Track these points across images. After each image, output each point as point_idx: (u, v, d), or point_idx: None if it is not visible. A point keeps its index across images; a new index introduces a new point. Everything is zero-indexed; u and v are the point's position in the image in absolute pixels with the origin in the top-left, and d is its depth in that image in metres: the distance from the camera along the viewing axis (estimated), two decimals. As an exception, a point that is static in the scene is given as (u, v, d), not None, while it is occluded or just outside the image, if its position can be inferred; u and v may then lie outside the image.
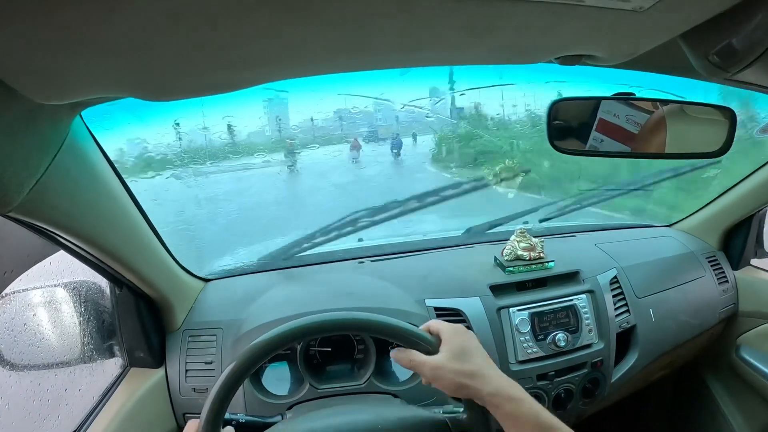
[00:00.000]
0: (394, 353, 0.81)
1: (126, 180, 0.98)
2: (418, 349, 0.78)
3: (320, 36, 0.50)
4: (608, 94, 0.95)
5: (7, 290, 1.01)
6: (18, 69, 0.46)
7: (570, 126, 1.01)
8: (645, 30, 0.56)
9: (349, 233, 1.46)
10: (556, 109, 1.00)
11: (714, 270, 1.67)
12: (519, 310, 1.26)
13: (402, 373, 1.19)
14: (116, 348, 1.20)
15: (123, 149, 1.31)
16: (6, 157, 0.56)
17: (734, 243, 1.74)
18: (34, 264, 1.04)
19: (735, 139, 0.96)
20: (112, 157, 0.92)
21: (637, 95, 0.95)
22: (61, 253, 0.98)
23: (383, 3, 0.43)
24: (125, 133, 1.29)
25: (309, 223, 1.42)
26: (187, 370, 1.18)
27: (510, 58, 0.68)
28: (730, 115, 0.95)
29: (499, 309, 1.25)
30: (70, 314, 1.10)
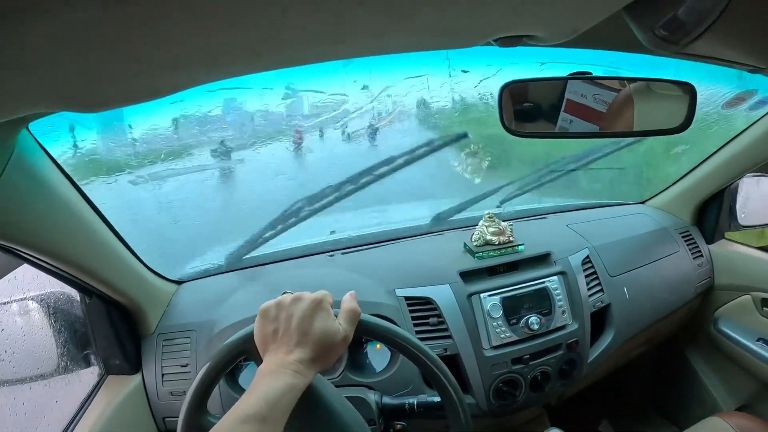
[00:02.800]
0: None
1: (83, 188, 0.97)
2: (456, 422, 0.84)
3: (237, 37, 0.49)
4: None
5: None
6: None
7: (539, 108, 1.01)
8: (585, 5, 0.54)
9: (303, 219, 1.45)
10: (510, 92, 1.00)
11: (688, 245, 1.68)
12: (490, 296, 1.26)
13: (378, 365, 1.20)
14: (92, 357, 1.19)
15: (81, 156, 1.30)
16: None
17: (707, 217, 1.76)
18: (-1, 279, 1.04)
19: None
20: (66, 167, 0.91)
21: (594, 74, 0.96)
22: (26, 266, 0.98)
23: None
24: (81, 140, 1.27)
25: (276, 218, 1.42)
26: (163, 375, 1.18)
27: (441, 43, 0.65)
28: (690, 90, 0.95)
29: (470, 295, 1.25)
30: (41, 327, 1.10)
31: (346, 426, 0.77)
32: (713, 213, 1.73)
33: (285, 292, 0.76)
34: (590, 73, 0.95)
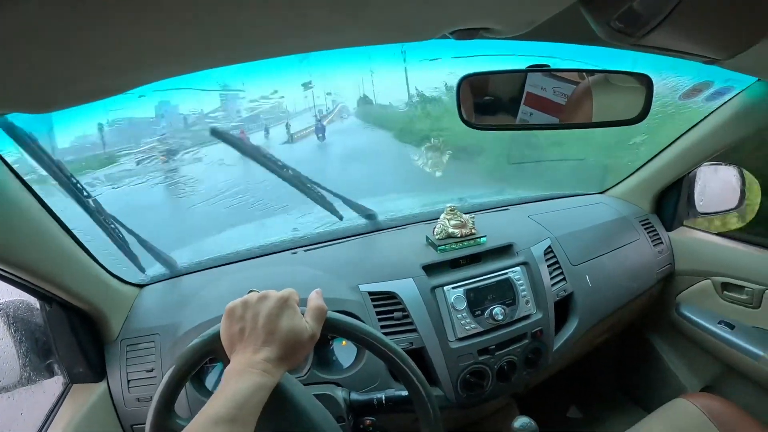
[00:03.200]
0: None
1: (38, 192, 0.95)
2: (425, 417, 0.84)
3: (188, 34, 0.49)
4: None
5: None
6: None
7: (499, 101, 1.02)
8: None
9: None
10: (471, 85, 1.01)
11: (648, 233, 1.72)
12: (453, 288, 1.28)
13: (345, 361, 1.20)
14: (55, 366, 1.17)
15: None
16: None
17: (666, 205, 1.81)
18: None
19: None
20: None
21: (552, 66, 0.98)
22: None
23: None
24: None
25: (235, 218, 1.41)
26: (129, 381, 1.16)
27: (396, 37, 0.65)
28: (646, 82, 0.98)
29: (434, 288, 1.27)
30: (0, 337, 1.08)
31: (315, 424, 0.77)
32: (672, 201, 1.79)
33: (251, 291, 0.76)
34: (549, 66, 0.97)
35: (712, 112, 1.50)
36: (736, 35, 0.69)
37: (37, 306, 1.14)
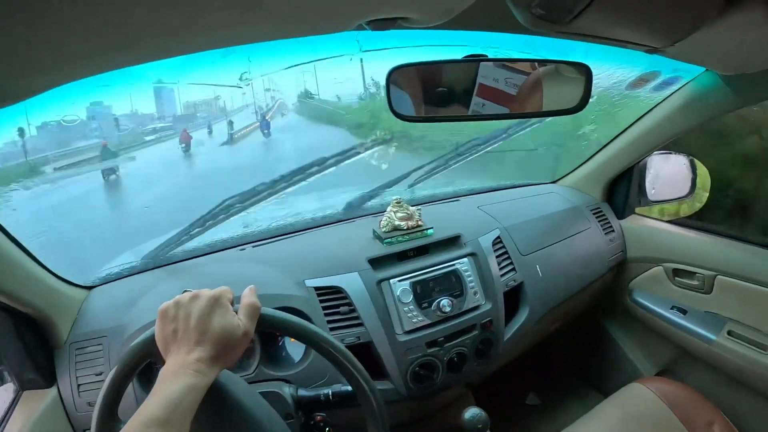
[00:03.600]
0: None
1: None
2: (370, 412, 0.84)
3: (87, 35, 0.48)
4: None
5: None
6: None
7: (452, 92, 1.03)
8: None
9: (222, 220, 1.45)
10: (394, 76, 1.01)
11: (599, 221, 1.76)
12: (400, 281, 1.28)
13: (294, 356, 1.21)
14: (5, 373, 1.17)
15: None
16: None
17: (617, 194, 1.85)
18: None
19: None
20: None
21: (490, 56, 0.99)
22: None
23: None
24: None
25: (185, 215, 1.41)
26: (79, 385, 1.15)
27: (306, 30, 0.64)
28: (585, 71, 0.99)
29: (380, 281, 1.27)
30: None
31: (259, 423, 0.78)
32: (623, 189, 1.82)
33: (185, 291, 0.76)
34: (486, 56, 0.98)
35: (661, 102, 1.53)
36: (674, 22, 0.69)
37: (-19, 314, 1.13)
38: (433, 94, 1.02)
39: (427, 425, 1.58)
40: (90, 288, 1.34)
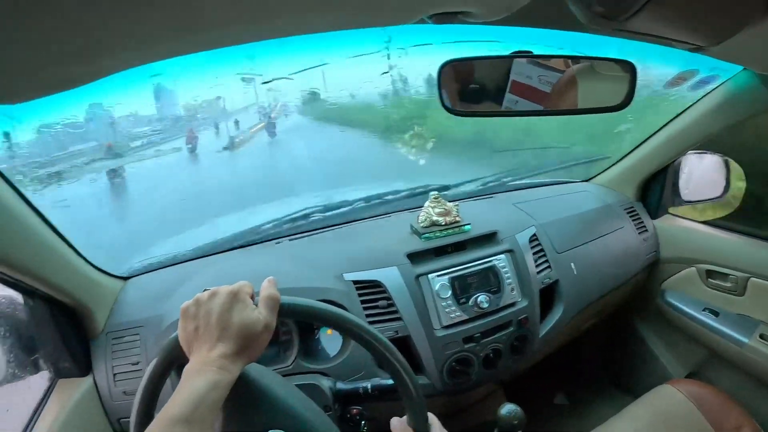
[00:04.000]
0: (397, 423, 0.82)
1: (17, 185, 0.95)
2: (416, 420, 0.81)
3: (154, 19, 0.48)
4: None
5: None
6: None
7: (485, 89, 1.02)
8: None
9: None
10: (456, 72, 1.01)
11: (633, 220, 1.74)
12: (438, 276, 1.28)
13: (331, 350, 1.20)
14: (41, 361, 1.17)
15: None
16: None
17: (651, 193, 1.83)
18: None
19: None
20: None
21: (535, 53, 0.98)
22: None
23: None
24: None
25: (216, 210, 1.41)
26: (115, 374, 1.16)
27: (376, 20, 0.64)
28: (630, 69, 0.98)
29: (418, 276, 1.27)
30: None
31: (294, 412, 0.77)
32: (657, 189, 1.80)
33: (205, 290, 0.76)
34: (531, 52, 0.97)
35: (697, 101, 1.51)
36: (721, 22, 0.68)
37: (21, 301, 1.13)
38: (466, 90, 1.02)
39: (458, 421, 1.57)
40: (125, 279, 1.34)
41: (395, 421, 0.82)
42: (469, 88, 1.02)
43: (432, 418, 0.84)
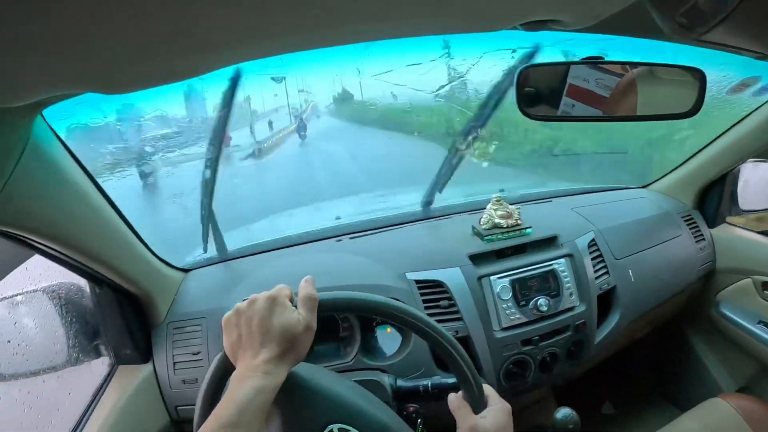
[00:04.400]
0: (453, 398, 0.81)
1: (96, 177, 0.97)
2: (468, 391, 0.80)
3: (276, 15, 0.49)
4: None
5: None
6: None
7: (541, 92, 1.02)
8: None
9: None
10: (525, 75, 1.01)
11: (690, 228, 1.70)
12: (500, 278, 1.28)
13: (389, 348, 1.21)
14: (102, 347, 1.19)
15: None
16: None
17: (709, 201, 1.78)
18: (10, 271, 1.04)
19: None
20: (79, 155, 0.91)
21: (606, 59, 0.97)
22: (37, 257, 0.98)
23: None
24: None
25: (278, 206, 1.42)
26: (175, 363, 1.18)
27: (473, 26, 0.66)
28: (700, 76, 0.96)
29: (480, 278, 1.27)
30: (52, 318, 1.10)
31: (353, 405, 0.78)
32: (715, 197, 1.76)
33: (244, 299, 0.76)
34: (603, 58, 0.96)
35: (758, 108, 1.47)
36: None
37: (86, 289, 1.16)
38: (522, 93, 1.01)
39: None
40: (186, 271, 1.37)
41: (452, 396, 0.82)
42: (525, 91, 1.02)
43: (488, 388, 0.83)
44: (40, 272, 1.12)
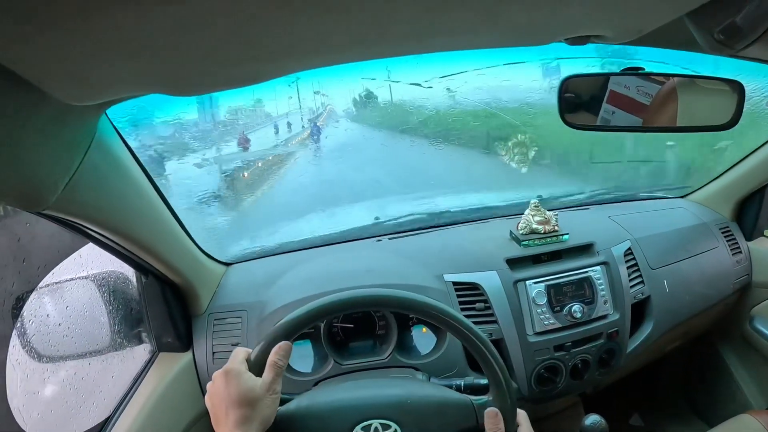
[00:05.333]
0: (491, 412, 0.83)
1: (150, 172, 1.01)
2: (498, 391, 0.84)
3: (340, 27, 0.52)
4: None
5: (41, 284, 1.05)
6: (52, 74, 0.49)
7: (581, 100, 1.03)
8: (651, 11, 0.57)
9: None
10: (567, 84, 1.02)
11: (727, 241, 1.67)
12: (535, 283, 1.28)
13: (423, 347, 1.23)
14: (144, 334, 1.24)
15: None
16: (39, 158, 0.60)
17: (747, 214, 1.75)
18: (65, 258, 1.09)
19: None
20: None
21: (647, 69, 0.97)
22: (89, 245, 1.02)
23: None
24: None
25: (320, 203, 1.45)
26: (214, 353, 1.22)
27: (520, 41, 0.69)
28: (738, 88, 0.96)
29: (516, 282, 1.28)
30: (99, 304, 1.14)
31: (373, 402, 0.84)
32: (753, 210, 1.72)
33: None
34: (643, 69, 0.97)
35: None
36: None
37: (132, 278, 1.20)
38: (564, 101, 1.02)
39: (536, 429, 1.56)
40: (227, 264, 1.40)
41: (490, 411, 0.83)
42: (565, 97, 1.02)
43: (521, 414, 0.87)
44: (91, 260, 1.17)
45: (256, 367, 0.79)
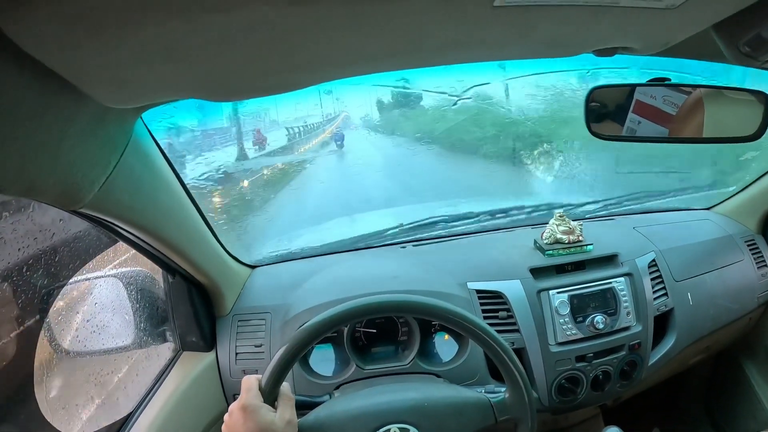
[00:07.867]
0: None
1: (181, 175, 1.03)
2: (520, 405, 0.87)
3: (378, 40, 0.53)
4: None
5: (71, 280, 1.08)
6: (96, 78, 0.51)
7: (607, 109, 1.03)
8: (677, 24, 0.58)
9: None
10: (594, 95, 1.02)
11: (753, 254, 1.65)
12: (558, 293, 1.28)
13: (445, 355, 1.23)
14: (168, 333, 1.26)
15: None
16: (79, 159, 0.62)
17: (774, 227, 1.72)
18: (95, 256, 1.11)
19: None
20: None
21: (673, 80, 0.96)
22: (118, 244, 1.04)
23: (434, 9, 0.46)
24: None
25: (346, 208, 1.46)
26: (237, 354, 1.24)
27: (549, 53, 0.71)
28: (765, 100, 0.95)
29: (539, 291, 1.28)
30: (126, 302, 1.16)
31: (390, 407, 0.86)
32: (780, 223, 1.70)
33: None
34: (670, 79, 0.96)
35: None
36: None
37: (158, 278, 1.23)
38: (590, 110, 1.02)
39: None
40: (253, 267, 1.42)
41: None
42: (590, 107, 1.02)
43: None
44: (120, 259, 1.19)
45: (271, 397, 0.82)
